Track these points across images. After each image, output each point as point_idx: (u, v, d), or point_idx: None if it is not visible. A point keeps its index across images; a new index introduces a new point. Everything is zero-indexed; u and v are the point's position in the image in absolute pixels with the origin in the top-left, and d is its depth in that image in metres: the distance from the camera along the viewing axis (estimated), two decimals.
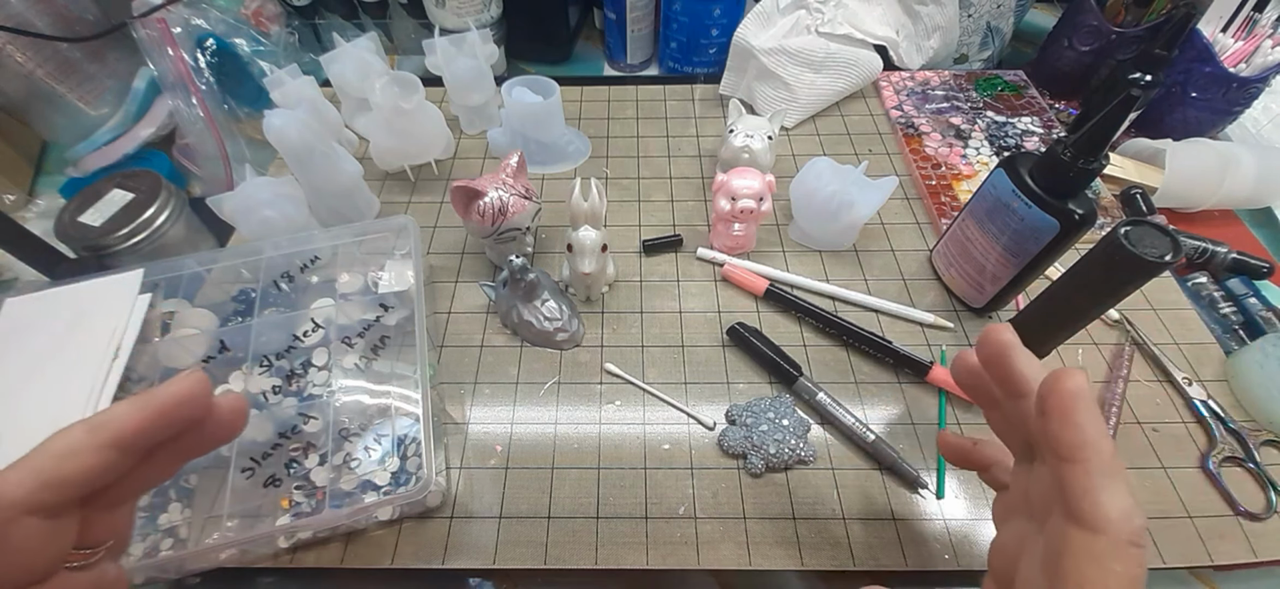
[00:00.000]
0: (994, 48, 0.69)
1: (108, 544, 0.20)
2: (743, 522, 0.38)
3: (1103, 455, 0.19)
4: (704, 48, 0.67)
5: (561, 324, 0.44)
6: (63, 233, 0.46)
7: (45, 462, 0.18)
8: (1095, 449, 0.19)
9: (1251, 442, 0.40)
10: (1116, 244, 0.31)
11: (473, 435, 0.41)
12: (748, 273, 0.48)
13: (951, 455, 0.31)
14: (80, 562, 0.20)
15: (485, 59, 0.57)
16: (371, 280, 0.46)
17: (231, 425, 0.21)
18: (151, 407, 0.19)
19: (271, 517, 0.36)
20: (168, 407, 0.19)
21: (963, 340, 0.46)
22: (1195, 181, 0.53)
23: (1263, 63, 0.53)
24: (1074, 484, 0.19)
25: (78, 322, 0.41)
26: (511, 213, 0.44)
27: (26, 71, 0.55)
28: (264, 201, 0.45)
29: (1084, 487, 0.19)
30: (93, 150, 0.58)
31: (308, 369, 0.41)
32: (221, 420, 0.21)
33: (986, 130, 0.60)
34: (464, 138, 0.62)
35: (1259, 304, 0.47)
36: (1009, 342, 0.24)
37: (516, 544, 0.37)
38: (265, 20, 0.63)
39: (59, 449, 0.18)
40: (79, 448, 0.18)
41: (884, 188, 0.46)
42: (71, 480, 0.18)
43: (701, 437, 0.41)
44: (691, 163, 0.59)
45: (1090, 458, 0.19)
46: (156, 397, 0.19)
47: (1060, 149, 0.36)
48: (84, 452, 0.18)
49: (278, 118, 0.45)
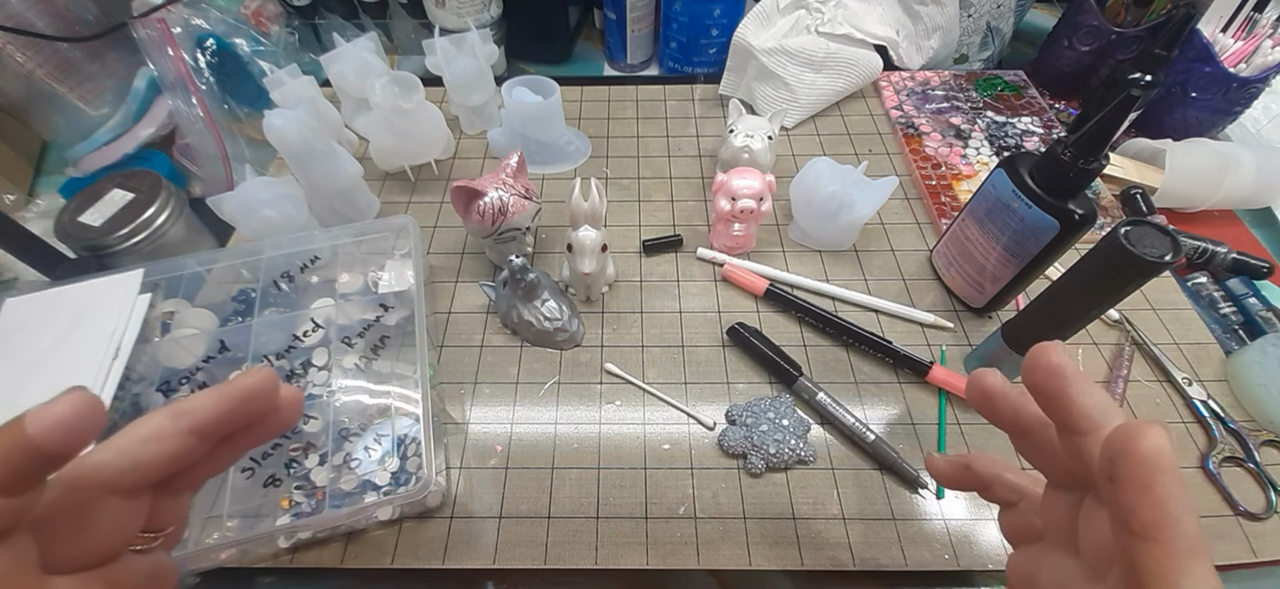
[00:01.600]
0: (994, 48, 0.69)
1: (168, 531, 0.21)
2: (743, 522, 0.38)
3: (1187, 537, 0.16)
4: (704, 48, 0.67)
5: (561, 324, 0.44)
6: (63, 233, 0.46)
7: (131, 444, 0.18)
8: (1179, 531, 0.16)
9: (1251, 442, 0.40)
10: (1116, 244, 0.31)
11: (473, 435, 0.41)
12: (748, 273, 0.48)
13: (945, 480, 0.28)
14: (143, 545, 0.20)
15: (485, 59, 0.57)
16: (371, 280, 0.46)
17: (290, 418, 0.22)
18: (230, 397, 0.20)
19: (271, 517, 0.36)
20: (244, 398, 0.20)
21: (962, 340, 0.46)
22: (1195, 181, 0.53)
23: (1263, 63, 0.53)
24: (1149, 566, 0.16)
25: (78, 322, 0.41)
26: (511, 213, 0.44)
27: (26, 71, 0.55)
28: (264, 201, 0.45)
29: (1161, 571, 0.16)
30: (93, 150, 0.58)
31: (308, 369, 0.41)
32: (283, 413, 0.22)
33: (986, 130, 0.60)
34: (464, 138, 0.62)
35: (1259, 304, 0.47)
36: (1064, 367, 0.19)
37: (516, 544, 0.37)
38: (265, 20, 0.63)
39: (144, 433, 0.19)
40: (163, 433, 0.19)
41: (884, 188, 0.46)
42: (153, 463, 0.19)
43: (701, 437, 0.41)
44: (691, 163, 0.59)
45: (1173, 540, 0.15)
46: (233, 388, 0.20)
47: (1060, 149, 0.36)
48: (167, 436, 0.19)
49: (278, 118, 0.45)
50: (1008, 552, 0.25)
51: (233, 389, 0.20)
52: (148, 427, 0.19)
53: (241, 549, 0.35)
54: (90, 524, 0.18)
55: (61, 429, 0.16)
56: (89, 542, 0.18)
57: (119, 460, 0.18)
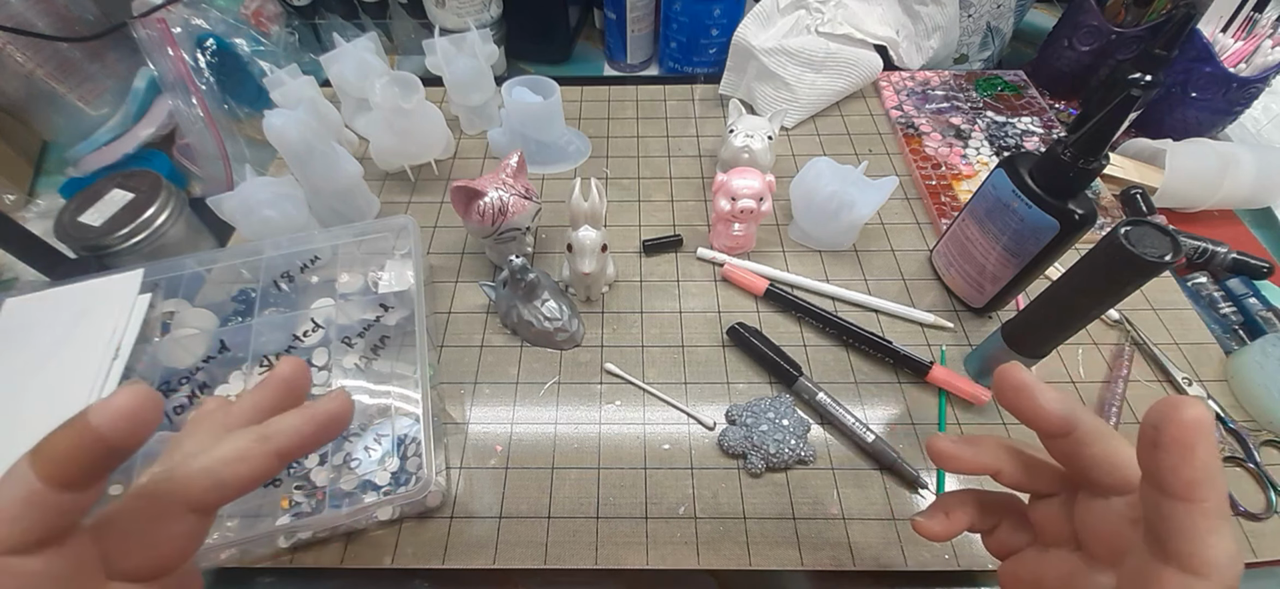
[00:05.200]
0: (994, 48, 0.69)
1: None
2: (743, 522, 0.38)
3: (1221, 499, 0.17)
4: (704, 48, 0.67)
5: (561, 324, 0.44)
6: (63, 233, 0.46)
7: (216, 463, 0.18)
8: (1215, 490, 0.17)
9: (1251, 442, 0.40)
10: (1116, 244, 0.31)
11: (473, 435, 0.41)
12: (748, 273, 0.48)
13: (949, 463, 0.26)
14: None
15: (485, 59, 0.57)
16: (371, 280, 0.46)
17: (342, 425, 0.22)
18: (316, 421, 0.20)
19: (271, 517, 0.36)
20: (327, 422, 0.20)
21: (962, 340, 0.46)
22: (1195, 181, 0.53)
23: (1263, 63, 0.53)
24: (1183, 524, 0.17)
25: (78, 321, 0.41)
26: (511, 213, 0.44)
27: (26, 71, 0.55)
28: (264, 201, 0.45)
29: (1194, 529, 0.17)
30: (93, 150, 0.58)
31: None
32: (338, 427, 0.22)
33: (986, 130, 0.60)
34: (464, 138, 0.62)
35: (1259, 304, 0.47)
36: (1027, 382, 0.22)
37: (516, 544, 0.37)
38: (265, 20, 0.63)
39: (229, 454, 0.19)
40: (249, 454, 0.19)
41: (884, 188, 0.46)
42: (236, 484, 0.19)
43: (701, 437, 0.41)
44: (691, 163, 0.59)
45: (1208, 498, 0.17)
46: (319, 411, 0.20)
47: (1060, 149, 0.36)
48: (253, 458, 0.19)
49: (278, 118, 0.45)
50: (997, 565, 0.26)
51: (318, 412, 0.20)
52: (233, 447, 0.19)
53: (241, 549, 0.35)
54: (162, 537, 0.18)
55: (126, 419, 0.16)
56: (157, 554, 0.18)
57: (203, 479, 0.18)
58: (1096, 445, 0.21)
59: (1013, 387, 0.23)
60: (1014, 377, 0.23)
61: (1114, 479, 0.21)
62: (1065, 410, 0.22)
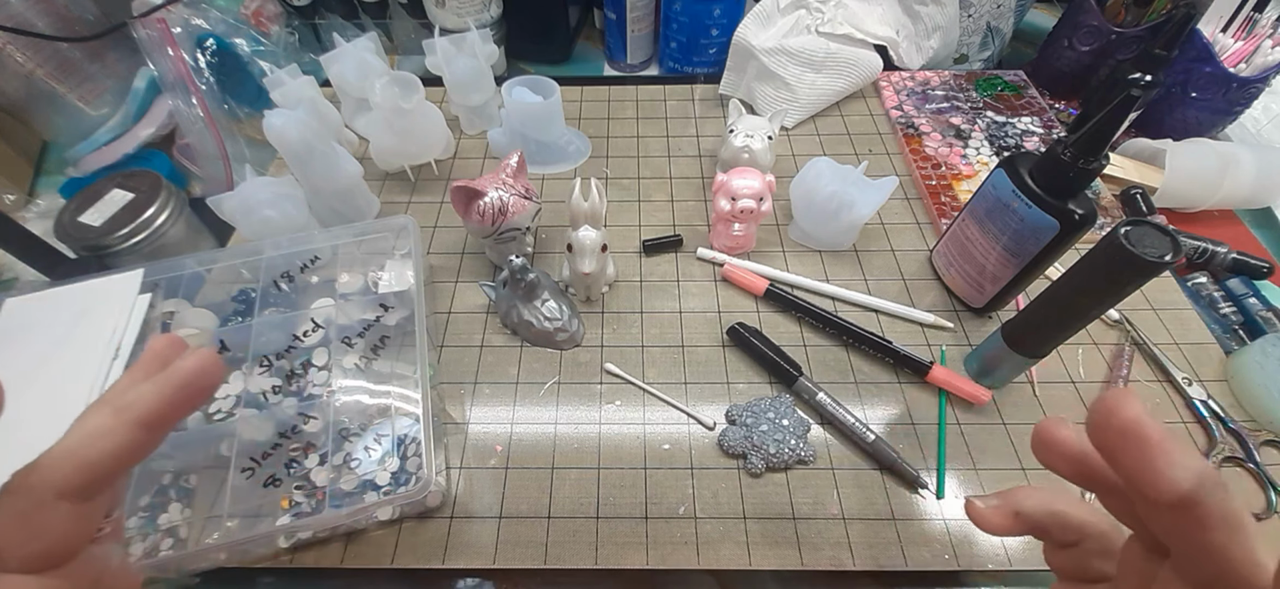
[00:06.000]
0: (994, 48, 0.69)
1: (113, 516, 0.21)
2: (743, 522, 0.38)
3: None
4: (704, 48, 0.67)
5: (561, 324, 0.44)
6: (63, 233, 0.46)
7: (76, 444, 0.18)
8: None
9: (1251, 442, 0.40)
10: (1116, 244, 0.31)
11: (473, 435, 0.41)
12: (748, 273, 0.48)
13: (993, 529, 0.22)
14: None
15: (485, 59, 0.57)
16: (371, 280, 0.46)
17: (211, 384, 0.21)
18: (173, 383, 0.19)
19: (271, 517, 0.36)
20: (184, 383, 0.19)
21: (962, 340, 0.46)
22: (1195, 181, 0.53)
23: (1263, 63, 0.53)
24: None
25: (78, 321, 0.41)
26: (511, 213, 0.44)
27: (26, 71, 0.55)
28: (264, 201, 0.45)
29: None
30: (93, 150, 0.58)
31: (308, 369, 0.42)
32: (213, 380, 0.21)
33: (986, 130, 0.60)
34: (464, 138, 0.62)
35: (1259, 304, 0.47)
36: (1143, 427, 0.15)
37: (516, 544, 0.37)
38: (265, 20, 0.63)
39: (86, 432, 0.18)
40: (106, 429, 0.18)
41: (884, 188, 0.46)
42: (103, 461, 0.18)
43: (701, 437, 0.41)
44: (691, 163, 0.59)
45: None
46: (175, 374, 0.19)
47: (1060, 149, 0.36)
48: (111, 431, 0.18)
49: (278, 118, 0.45)
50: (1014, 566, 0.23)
51: (175, 375, 0.19)
52: (90, 425, 0.18)
53: (241, 549, 0.35)
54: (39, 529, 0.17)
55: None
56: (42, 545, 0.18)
57: (65, 462, 0.17)
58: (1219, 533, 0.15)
59: (1121, 430, 0.16)
60: (1128, 413, 0.15)
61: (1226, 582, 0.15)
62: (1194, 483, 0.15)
